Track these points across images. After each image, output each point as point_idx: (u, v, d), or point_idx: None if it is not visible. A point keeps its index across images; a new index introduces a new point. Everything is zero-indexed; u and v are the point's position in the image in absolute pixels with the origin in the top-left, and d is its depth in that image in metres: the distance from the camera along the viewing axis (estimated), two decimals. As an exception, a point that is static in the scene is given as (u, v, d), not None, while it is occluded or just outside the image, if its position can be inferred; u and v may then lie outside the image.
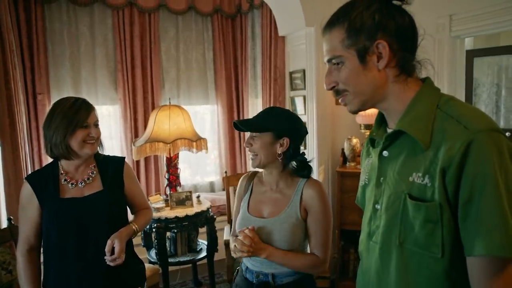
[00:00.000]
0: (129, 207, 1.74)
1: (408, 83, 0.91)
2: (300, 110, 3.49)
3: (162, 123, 3.00)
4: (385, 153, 0.95)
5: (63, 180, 1.57)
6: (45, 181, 1.55)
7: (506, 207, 0.75)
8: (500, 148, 0.77)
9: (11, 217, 2.31)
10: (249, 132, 1.58)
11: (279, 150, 1.54)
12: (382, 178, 0.96)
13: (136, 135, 3.79)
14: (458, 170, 0.78)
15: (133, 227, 1.63)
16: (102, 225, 1.55)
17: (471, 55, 3.13)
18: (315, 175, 2.77)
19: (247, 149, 1.58)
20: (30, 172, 3.20)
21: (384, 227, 0.93)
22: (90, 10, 3.67)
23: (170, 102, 3.20)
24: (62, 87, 3.60)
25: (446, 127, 0.83)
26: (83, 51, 3.67)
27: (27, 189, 1.54)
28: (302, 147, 3.43)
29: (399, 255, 0.89)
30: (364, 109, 0.96)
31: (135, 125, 3.84)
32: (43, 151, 3.45)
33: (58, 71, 3.58)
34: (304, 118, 3.44)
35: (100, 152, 1.67)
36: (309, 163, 1.60)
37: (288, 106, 3.66)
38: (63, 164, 1.58)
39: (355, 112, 0.97)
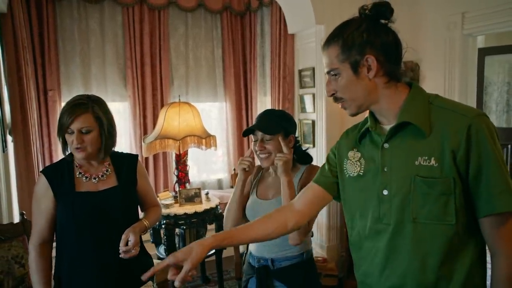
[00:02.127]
0: (139, 204, 1.76)
1: (398, 87, 1.08)
2: (309, 108, 3.49)
3: (172, 120, 3.01)
4: (386, 145, 1.08)
5: (78, 174, 1.58)
6: (60, 175, 1.56)
7: (505, 173, 0.97)
8: (490, 128, 0.99)
9: (24, 211, 2.34)
10: (252, 136, 1.75)
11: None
12: (386, 167, 1.07)
13: (145, 132, 3.81)
14: (466, 151, 0.97)
15: (145, 223, 1.65)
16: (116, 220, 1.56)
17: (482, 53, 3.10)
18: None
19: (258, 152, 1.70)
20: (41, 168, 3.25)
21: (397, 208, 1.05)
22: (100, 7, 3.69)
23: (179, 99, 3.21)
24: (72, 83, 3.63)
25: (443, 117, 1.01)
26: (93, 48, 3.69)
27: (42, 182, 1.55)
28: (310, 145, 3.44)
29: (413, 230, 1.03)
30: (361, 112, 1.11)
31: (144, 122, 3.87)
32: (53, 147, 3.48)
33: (69, 67, 3.61)
34: (313, 116, 3.44)
35: (113, 150, 1.69)
36: (307, 152, 1.81)
37: (297, 104, 3.66)
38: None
39: (354, 115, 1.12)
